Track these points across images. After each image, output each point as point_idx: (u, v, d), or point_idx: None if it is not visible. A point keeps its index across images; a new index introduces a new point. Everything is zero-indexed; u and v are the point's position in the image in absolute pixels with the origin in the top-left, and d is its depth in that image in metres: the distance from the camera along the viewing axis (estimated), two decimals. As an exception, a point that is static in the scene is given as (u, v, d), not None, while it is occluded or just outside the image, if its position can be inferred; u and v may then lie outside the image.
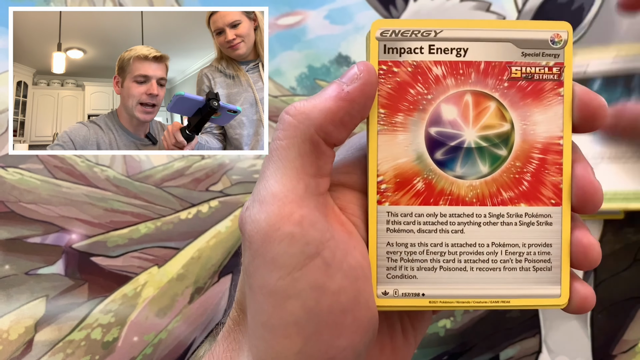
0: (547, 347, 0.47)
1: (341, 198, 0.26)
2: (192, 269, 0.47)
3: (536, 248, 0.26)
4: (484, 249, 0.26)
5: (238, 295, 0.27)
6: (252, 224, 0.23)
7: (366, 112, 0.25)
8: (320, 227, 0.23)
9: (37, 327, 0.44)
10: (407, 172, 0.26)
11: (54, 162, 0.48)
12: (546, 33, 0.26)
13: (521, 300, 0.26)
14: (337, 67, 0.55)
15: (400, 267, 0.26)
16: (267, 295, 0.23)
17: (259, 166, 0.51)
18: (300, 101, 0.24)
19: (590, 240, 0.26)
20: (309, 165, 0.24)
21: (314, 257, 0.23)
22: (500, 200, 0.26)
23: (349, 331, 0.24)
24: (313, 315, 0.23)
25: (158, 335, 0.45)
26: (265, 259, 0.23)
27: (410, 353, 0.29)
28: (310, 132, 0.24)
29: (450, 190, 0.26)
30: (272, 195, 0.23)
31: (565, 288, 0.26)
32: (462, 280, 0.26)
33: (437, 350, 0.46)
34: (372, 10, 0.58)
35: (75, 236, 0.47)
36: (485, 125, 0.26)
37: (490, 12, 0.60)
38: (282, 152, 0.24)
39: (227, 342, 0.26)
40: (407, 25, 0.26)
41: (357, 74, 0.24)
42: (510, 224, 0.26)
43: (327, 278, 0.23)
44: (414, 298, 0.26)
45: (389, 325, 0.28)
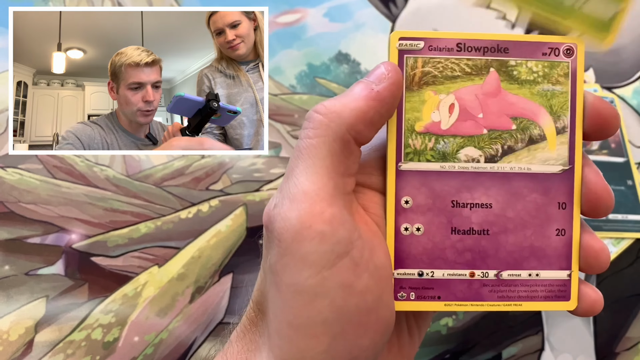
0: (549, 345, 0.47)
1: (363, 198, 0.26)
2: (193, 269, 0.47)
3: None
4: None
5: (256, 294, 0.26)
6: (282, 222, 0.23)
7: (393, 111, 0.25)
8: (349, 226, 0.23)
9: (37, 328, 0.44)
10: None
11: (53, 162, 0.48)
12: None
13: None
14: (337, 65, 0.55)
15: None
16: (295, 294, 0.23)
17: (259, 165, 0.51)
18: (329, 100, 0.25)
19: (601, 244, 0.26)
20: (338, 164, 0.24)
21: (343, 256, 0.23)
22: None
23: (372, 331, 0.24)
24: (341, 315, 0.23)
25: (159, 335, 0.45)
26: (295, 257, 0.23)
27: (415, 350, 0.29)
28: (341, 131, 0.24)
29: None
30: (304, 193, 0.23)
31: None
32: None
33: (439, 349, 0.46)
34: (372, 7, 0.58)
35: (75, 236, 0.47)
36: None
37: (491, 9, 0.60)
38: (312, 150, 0.24)
39: (243, 343, 0.26)
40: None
41: (384, 73, 0.25)
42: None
43: (355, 277, 0.23)
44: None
45: (396, 324, 0.28)
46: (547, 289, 0.27)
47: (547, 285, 0.26)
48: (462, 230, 0.26)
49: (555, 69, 0.26)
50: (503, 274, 0.26)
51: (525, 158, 0.26)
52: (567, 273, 0.27)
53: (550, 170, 0.26)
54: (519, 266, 0.26)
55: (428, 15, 0.58)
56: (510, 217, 0.26)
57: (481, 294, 0.26)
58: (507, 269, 0.26)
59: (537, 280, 0.26)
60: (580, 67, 0.26)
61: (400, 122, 0.26)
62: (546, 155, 0.26)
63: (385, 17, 0.58)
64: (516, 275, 0.26)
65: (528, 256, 0.26)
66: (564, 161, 0.26)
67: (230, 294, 0.47)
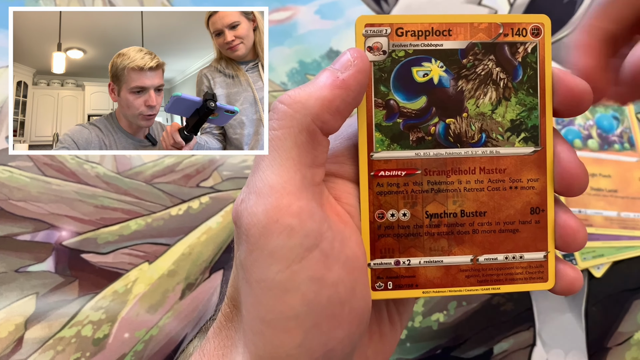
0: (541, 341, 0.47)
1: (335, 188, 0.26)
2: (183, 265, 0.47)
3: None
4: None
5: (230, 290, 0.26)
6: (249, 217, 0.23)
7: (360, 99, 0.25)
8: (318, 218, 0.23)
9: (27, 325, 0.44)
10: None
11: (43, 159, 0.48)
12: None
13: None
14: (328, 62, 0.55)
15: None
16: (265, 289, 0.23)
17: (250, 162, 0.51)
18: (294, 90, 0.24)
19: (577, 222, 0.26)
20: (305, 156, 0.24)
21: (313, 249, 0.23)
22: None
23: (346, 322, 0.24)
24: (312, 308, 0.23)
25: (149, 332, 0.45)
26: (263, 252, 0.23)
27: (397, 337, 0.29)
28: (307, 121, 0.23)
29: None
30: (270, 187, 0.23)
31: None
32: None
33: (430, 344, 0.46)
34: (363, 5, 0.58)
35: (65, 233, 0.47)
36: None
37: (482, 6, 0.60)
38: (277, 142, 0.23)
39: (219, 339, 0.25)
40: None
41: (350, 60, 0.24)
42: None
43: (325, 270, 0.23)
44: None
45: (376, 312, 0.28)
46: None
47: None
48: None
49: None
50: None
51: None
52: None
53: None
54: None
55: (419, 12, 0.58)
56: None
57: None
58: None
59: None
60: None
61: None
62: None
63: (376, 14, 0.58)
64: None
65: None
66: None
67: (220, 291, 0.47)
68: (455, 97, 0.26)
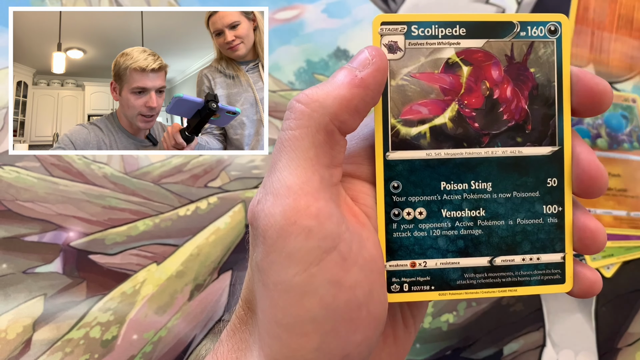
0: (551, 341, 0.47)
1: (352, 189, 0.25)
2: (192, 266, 0.46)
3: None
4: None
5: (244, 292, 0.26)
6: (266, 218, 0.22)
7: (378, 98, 0.24)
8: (336, 219, 0.23)
9: (35, 326, 0.44)
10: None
11: (51, 160, 0.48)
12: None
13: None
14: (335, 61, 0.55)
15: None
16: (282, 292, 0.22)
17: (257, 162, 0.50)
18: (311, 88, 0.23)
19: (596, 224, 0.26)
20: (323, 156, 0.23)
21: (331, 251, 0.22)
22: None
23: (363, 325, 0.23)
24: (330, 312, 0.22)
25: (158, 333, 0.44)
26: (281, 254, 0.22)
27: (411, 340, 0.29)
28: (325, 121, 0.23)
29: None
30: (287, 188, 0.22)
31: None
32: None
33: (440, 345, 0.46)
34: (370, 3, 0.57)
35: (73, 234, 0.46)
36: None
37: (490, 4, 0.60)
38: (295, 142, 0.23)
39: (233, 342, 0.25)
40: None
41: (368, 59, 0.24)
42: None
43: (343, 272, 0.22)
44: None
45: (390, 316, 0.28)
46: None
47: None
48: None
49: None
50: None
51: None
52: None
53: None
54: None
55: (426, 11, 0.58)
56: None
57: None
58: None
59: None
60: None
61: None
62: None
63: (383, 12, 0.58)
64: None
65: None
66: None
67: (229, 292, 0.46)
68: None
